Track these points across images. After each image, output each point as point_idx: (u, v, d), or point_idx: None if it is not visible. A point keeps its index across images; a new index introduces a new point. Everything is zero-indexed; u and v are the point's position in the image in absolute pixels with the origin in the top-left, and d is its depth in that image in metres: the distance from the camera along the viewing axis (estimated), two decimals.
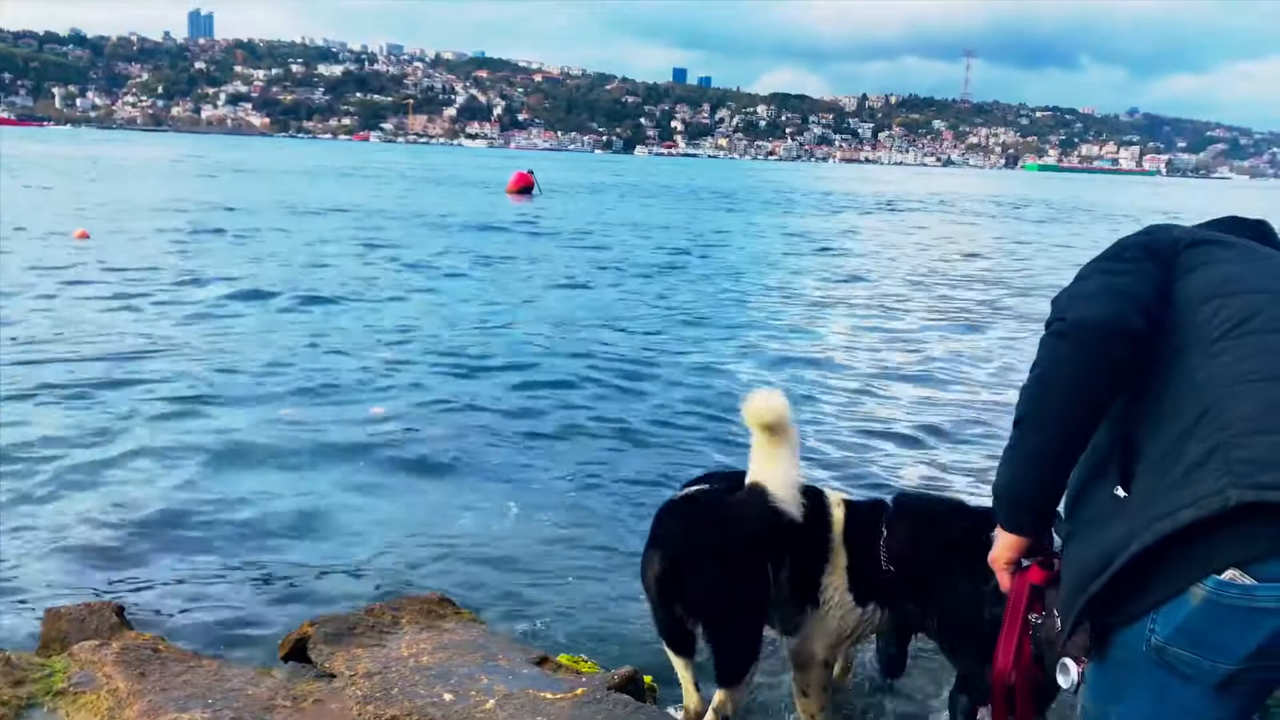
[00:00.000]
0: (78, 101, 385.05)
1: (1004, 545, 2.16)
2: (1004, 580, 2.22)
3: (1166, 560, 1.79)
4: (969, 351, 11.46)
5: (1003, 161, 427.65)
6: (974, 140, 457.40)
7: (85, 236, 18.48)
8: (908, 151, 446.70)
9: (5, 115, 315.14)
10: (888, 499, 3.52)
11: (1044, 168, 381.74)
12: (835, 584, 3.34)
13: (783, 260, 21.71)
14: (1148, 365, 1.94)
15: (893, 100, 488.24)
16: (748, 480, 3.28)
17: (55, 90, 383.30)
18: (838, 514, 3.41)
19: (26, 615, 4.32)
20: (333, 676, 3.23)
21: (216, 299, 12.80)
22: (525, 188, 44.40)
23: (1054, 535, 2.18)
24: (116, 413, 7.45)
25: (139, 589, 4.71)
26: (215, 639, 4.25)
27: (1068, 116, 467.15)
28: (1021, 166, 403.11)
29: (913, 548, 3.30)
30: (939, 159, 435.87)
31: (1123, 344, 1.91)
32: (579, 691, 3.06)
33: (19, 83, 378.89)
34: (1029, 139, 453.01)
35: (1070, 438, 1.99)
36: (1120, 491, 1.91)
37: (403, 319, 12.07)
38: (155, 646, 3.39)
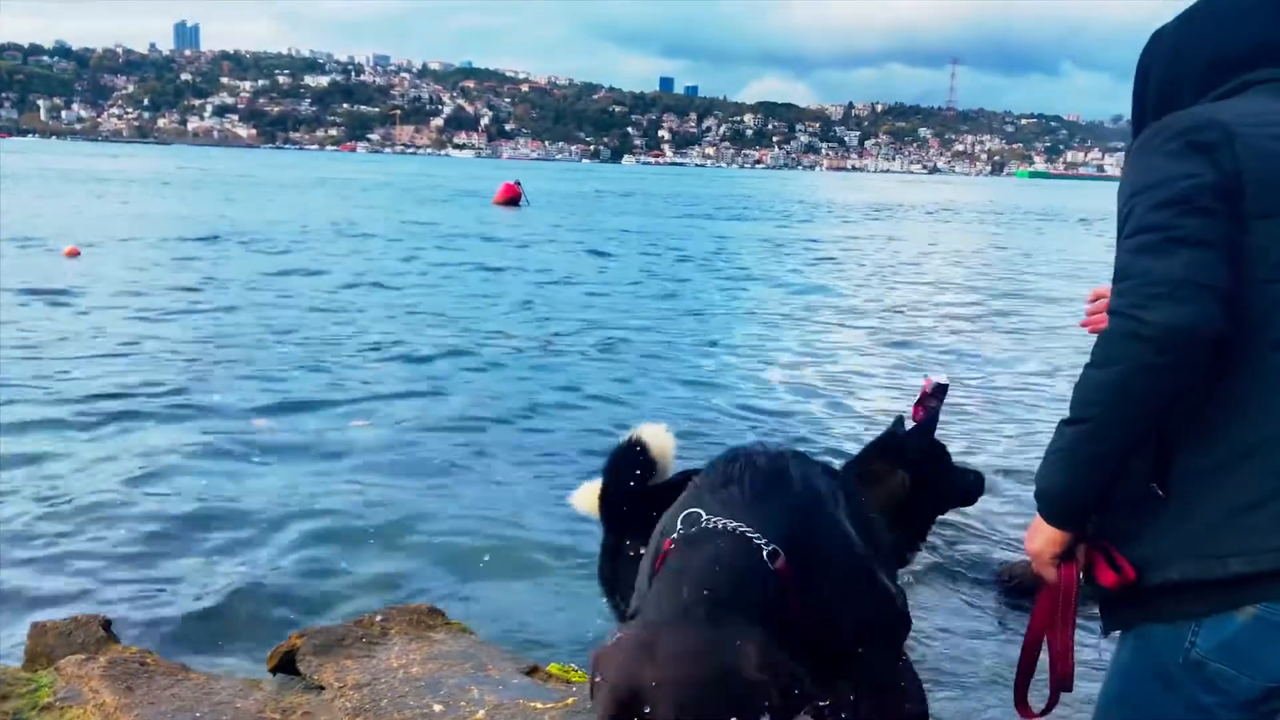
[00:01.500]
0: (63, 114, 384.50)
1: (1049, 540, 1.95)
2: (1049, 574, 2.02)
3: (1212, 586, 1.75)
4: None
5: (989, 169, 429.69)
6: (960, 148, 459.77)
7: (75, 254, 18.20)
8: (894, 159, 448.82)
9: None
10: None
11: (1034, 174, 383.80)
12: None
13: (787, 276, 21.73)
14: None
15: (879, 108, 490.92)
16: None
17: (40, 103, 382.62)
18: None
19: (12, 629, 4.28)
20: (322, 688, 3.21)
21: (213, 310, 12.77)
22: (512, 199, 44.39)
23: None
24: (98, 422, 7.42)
25: (126, 601, 4.68)
26: (203, 651, 4.22)
27: (1052, 124, 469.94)
28: (1011, 173, 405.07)
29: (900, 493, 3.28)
30: (925, 166, 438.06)
31: (1211, 350, 1.68)
32: (570, 701, 3.05)
33: (3, 95, 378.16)
34: (1014, 146, 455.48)
35: (1137, 443, 1.80)
36: (1156, 488, 1.82)
37: (392, 325, 12.05)
38: (143, 660, 3.36)
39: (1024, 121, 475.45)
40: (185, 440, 7.13)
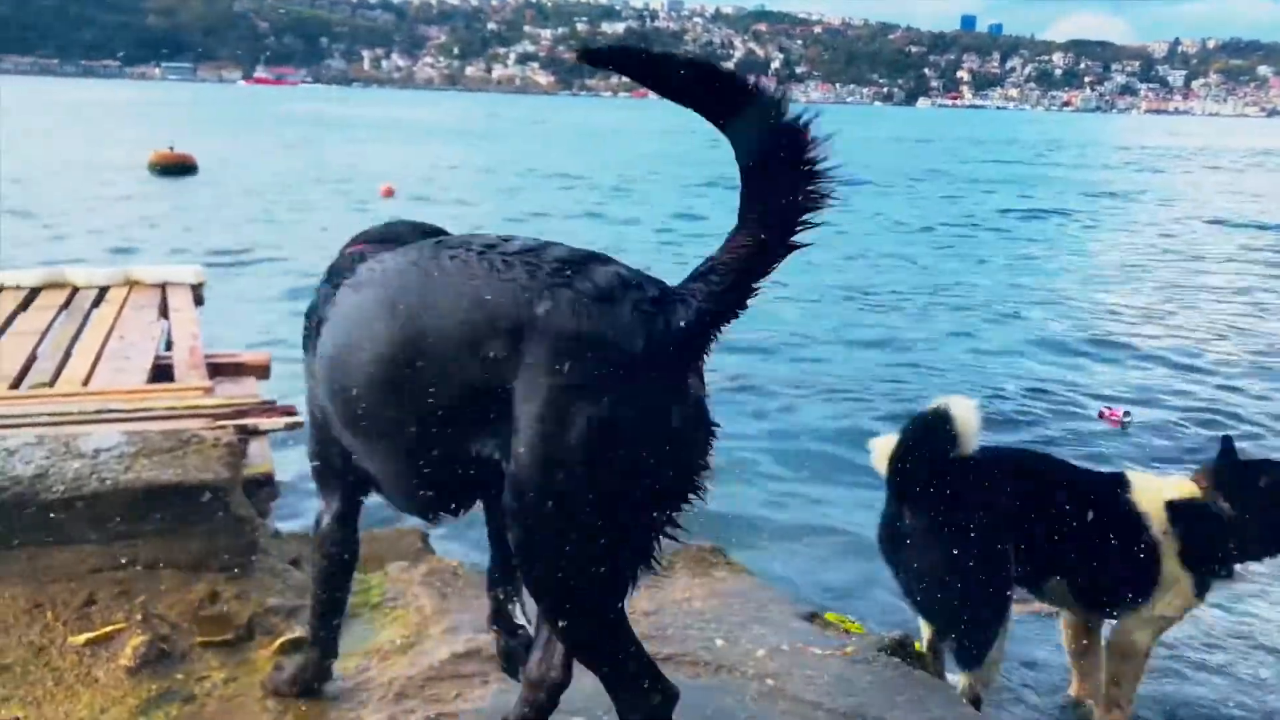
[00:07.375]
0: (383, 63, 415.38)
1: None
2: None
3: None
4: None
5: None
6: None
7: (390, 193, 19.68)
8: (1225, 101, 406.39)
9: (263, 75, 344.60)
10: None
11: None
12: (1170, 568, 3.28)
13: None
14: None
15: (1210, 44, 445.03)
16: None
17: (365, 53, 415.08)
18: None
19: None
20: None
21: None
22: None
23: None
24: None
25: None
26: None
27: None
28: None
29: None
30: (1263, 109, 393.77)
31: None
32: (848, 650, 3.08)
33: (334, 48, 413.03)
34: None
35: None
36: None
37: None
38: (455, 571, 3.69)
39: None
40: None
